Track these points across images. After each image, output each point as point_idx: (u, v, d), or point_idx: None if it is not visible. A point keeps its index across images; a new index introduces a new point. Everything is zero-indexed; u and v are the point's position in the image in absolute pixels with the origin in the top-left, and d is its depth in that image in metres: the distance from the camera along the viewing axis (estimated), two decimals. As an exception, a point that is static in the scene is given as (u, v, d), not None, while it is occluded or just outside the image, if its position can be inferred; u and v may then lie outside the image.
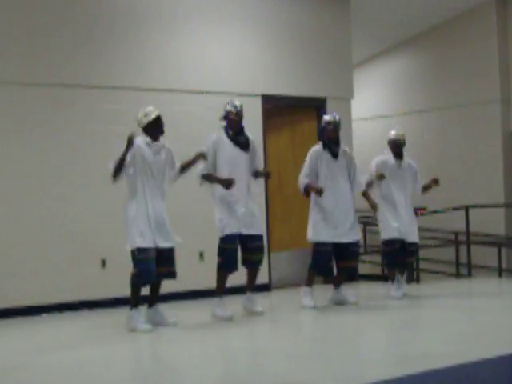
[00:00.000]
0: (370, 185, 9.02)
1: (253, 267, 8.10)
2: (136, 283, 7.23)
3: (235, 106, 7.96)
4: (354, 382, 4.78)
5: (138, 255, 7.15)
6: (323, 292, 9.00)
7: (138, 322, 7.23)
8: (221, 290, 7.90)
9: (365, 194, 8.92)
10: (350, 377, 5.04)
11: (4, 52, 8.92)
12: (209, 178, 7.90)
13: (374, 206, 8.89)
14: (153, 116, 7.39)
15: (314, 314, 8.14)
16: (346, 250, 8.51)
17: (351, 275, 10.10)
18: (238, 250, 7.98)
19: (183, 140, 9.54)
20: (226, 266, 7.88)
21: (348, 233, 8.52)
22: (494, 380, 5.17)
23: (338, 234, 8.47)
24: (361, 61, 14.22)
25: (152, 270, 7.19)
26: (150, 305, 7.54)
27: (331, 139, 8.57)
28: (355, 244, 8.60)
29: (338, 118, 8.60)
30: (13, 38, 8.97)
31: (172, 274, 7.48)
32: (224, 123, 8.00)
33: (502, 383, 5.10)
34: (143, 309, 7.43)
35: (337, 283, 8.70)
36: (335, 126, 8.55)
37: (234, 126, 7.97)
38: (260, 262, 8.09)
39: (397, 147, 9.15)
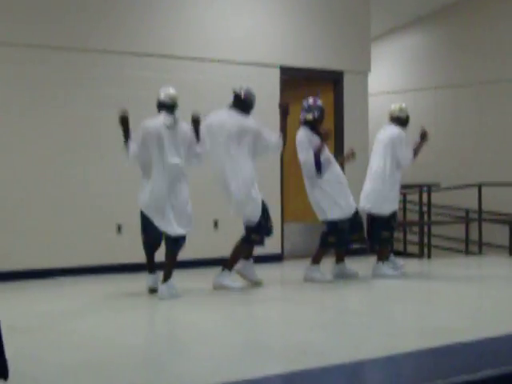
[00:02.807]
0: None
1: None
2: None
3: None
4: (376, 354, 4.83)
5: None
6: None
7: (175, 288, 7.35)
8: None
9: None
10: (373, 348, 5.10)
11: (31, 16, 8.91)
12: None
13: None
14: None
15: (328, 286, 8.20)
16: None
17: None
18: None
19: (203, 107, 9.59)
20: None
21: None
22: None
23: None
24: (376, 35, 14.15)
25: None
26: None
27: None
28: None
29: None
30: (39, 2, 9.00)
31: None
32: None
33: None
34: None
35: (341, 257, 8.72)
36: None
37: None
38: None
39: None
